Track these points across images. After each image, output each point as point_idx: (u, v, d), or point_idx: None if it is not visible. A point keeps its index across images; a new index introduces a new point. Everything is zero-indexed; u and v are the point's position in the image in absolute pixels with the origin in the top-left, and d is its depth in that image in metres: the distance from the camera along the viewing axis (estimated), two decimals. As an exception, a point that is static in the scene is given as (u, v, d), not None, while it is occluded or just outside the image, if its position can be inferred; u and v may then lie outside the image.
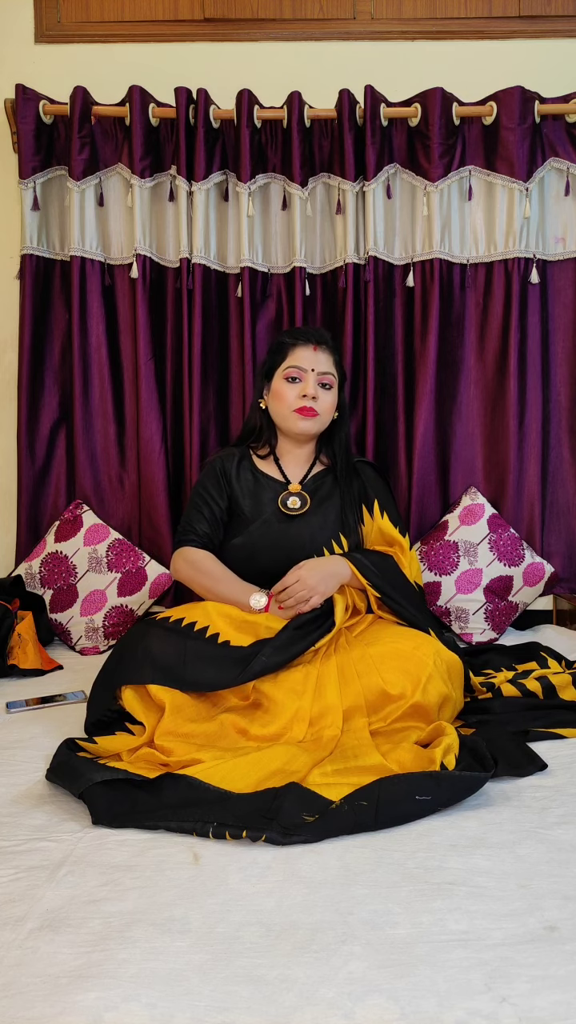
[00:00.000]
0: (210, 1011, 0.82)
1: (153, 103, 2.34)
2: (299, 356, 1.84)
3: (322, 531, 1.81)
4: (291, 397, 1.83)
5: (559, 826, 1.20)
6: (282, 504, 1.83)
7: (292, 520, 1.81)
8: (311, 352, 1.85)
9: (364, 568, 1.71)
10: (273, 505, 1.83)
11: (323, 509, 1.83)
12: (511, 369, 2.36)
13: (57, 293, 2.44)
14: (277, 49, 2.52)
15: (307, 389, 1.81)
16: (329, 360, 1.87)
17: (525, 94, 2.31)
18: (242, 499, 1.85)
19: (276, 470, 1.89)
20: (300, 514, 1.82)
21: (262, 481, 1.87)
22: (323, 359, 1.85)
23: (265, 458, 1.91)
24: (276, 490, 1.85)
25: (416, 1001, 0.83)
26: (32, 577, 2.29)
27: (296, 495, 1.84)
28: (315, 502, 1.84)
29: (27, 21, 2.51)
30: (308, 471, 1.90)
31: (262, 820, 1.19)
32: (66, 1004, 0.83)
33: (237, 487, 1.86)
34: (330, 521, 1.82)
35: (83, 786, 1.27)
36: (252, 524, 1.81)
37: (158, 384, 2.39)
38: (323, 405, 1.84)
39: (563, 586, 2.44)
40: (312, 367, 1.83)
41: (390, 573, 1.74)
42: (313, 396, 1.81)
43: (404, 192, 2.41)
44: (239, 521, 1.84)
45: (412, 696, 1.48)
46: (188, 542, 1.85)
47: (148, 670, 1.49)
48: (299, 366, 1.83)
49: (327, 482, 1.88)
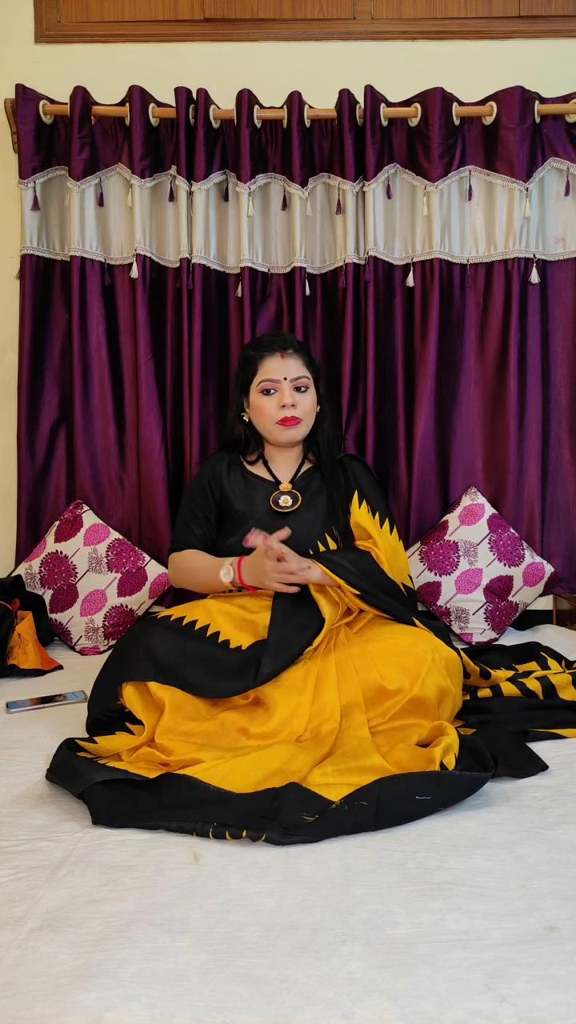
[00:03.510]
0: (210, 1011, 0.82)
1: (153, 103, 2.34)
2: (269, 368, 1.84)
3: (315, 527, 1.81)
4: (271, 409, 1.82)
5: (559, 826, 1.20)
6: (274, 503, 1.83)
7: (285, 517, 1.82)
8: (279, 361, 1.84)
9: (338, 568, 1.69)
10: (265, 504, 1.84)
11: (314, 505, 1.84)
12: (511, 369, 2.36)
13: (57, 293, 2.44)
14: (277, 49, 2.52)
15: (284, 399, 1.81)
16: (299, 363, 1.86)
17: (525, 94, 2.31)
18: (234, 500, 1.86)
19: (266, 471, 1.90)
20: (292, 511, 1.83)
21: (253, 482, 1.88)
22: (292, 364, 1.84)
23: (254, 463, 1.92)
24: (268, 490, 1.86)
25: (416, 1001, 0.83)
26: (32, 577, 2.29)
27: (287, 493, 1.85)
28: (306, 499, 1.84)
29: (27, 21, 2.51)
30: (297, 470, 1.91)
31: (262, 820, 1.19)
32: (66, 1004, 0.83)
33: (229, 489, 1.87)
34: (321, 517, 1.83)
35: (83, 786, 1.27)
36: (245, 524, 1.82)
37: (158, 384, 2.39)
38: (303, 409, 1.84)
39: (563, 586, 2.44)
40: (284, 376, 1.82)
41: (368, 570, 1.73)
42: (292, 404, 1.81)
43: (404, 192, 2.41)
44: (232, 521, 1.85)
45: (410, 690, 1.48)
46: (177, 550, 1.88)
47: (149, 668, 1.49)
48: (271, 378, 1.82)
49: (316, 479, 1.89)
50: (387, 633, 1.63)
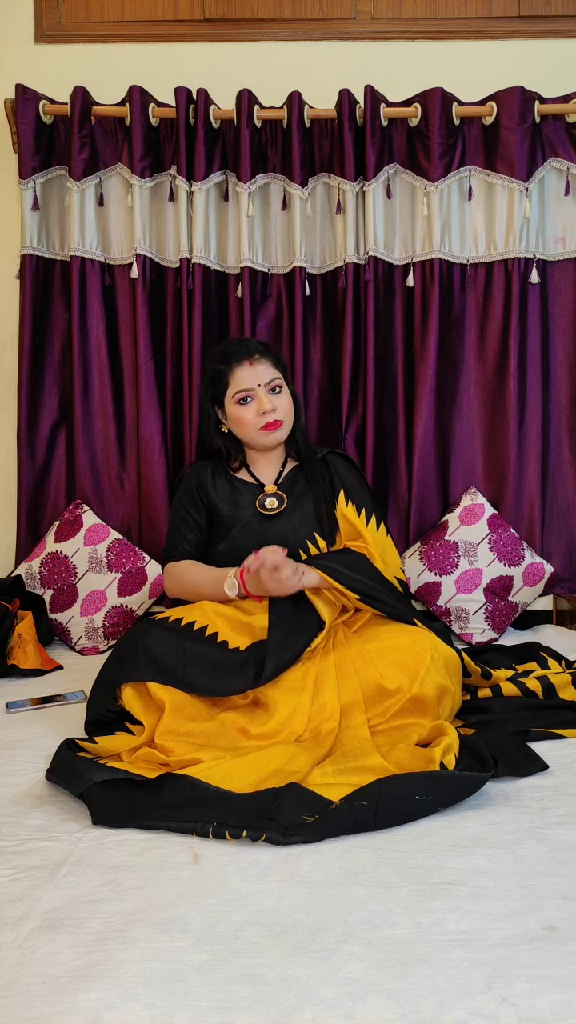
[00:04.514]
0: (210, 1011, 0.82)
1: (153, 103, 2.34)
2: (240, 378, 1.82)
3: (302, 526, 1.82)
4: (251, 417, 1.81)
5: (559, 826, 1.20)
6: (260, 505, 1.84)
7: (272, 520, 1.82)
8: (249, 369, 1.82)
9: (334, 573, 1.68)
10: (252, 508, 1.84)
11: (300, 505, 1.84)
12: (511, 369, 2.36)
13: (57, 293, 2.44)
14: (277, 49, 2.52)
15: (263, 405, 1.80)
16: (268, 366, 1.84)
17: (525, 94, 2.31)
18: (221, 505, 1.85)
19: (250, 476, 1.90)
20: (279, 512, 1.83)
21: (238, 487, 1.88)
22: (262, 369, 1.83)
23: (238, 470, 1.92)
24: (253, 493, 1.86)
25: (416, 1001, 0.83)
26: (32, 577, 2.29)
27: (273, 495, 1.85)
28: (292, 499, 1.84)
29: (27, 21, 2.52)
30: (281, 471, 1.91)
31: (262, 820, 1.19)
32: (66, 1004, 0.83)
33: (215, 495, 1.87)
34: (309, 516, 1.83)
35: (83, 786, 1.27)
36: (234, 528, 1.82)
37: (158, 384, 2.39)
38: (283, 411, 1.83)
39: (563, 586, 2.44)
40: (257, 382, 1.81)
41: (363, 570, 1.72)
42: (272, 408, 1.80)
43: (404, 192, 2.41)
44: (220, 527, 1.85)
45: (410, 689, 1.48)
46: (171, 559, 1.87)
47: (148, 669, 1.49)
48: (244, 388, 1.81)
49: (301, 478, 1.89)
50: (386, 632, 1.63)
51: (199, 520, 1.87)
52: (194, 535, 1.87)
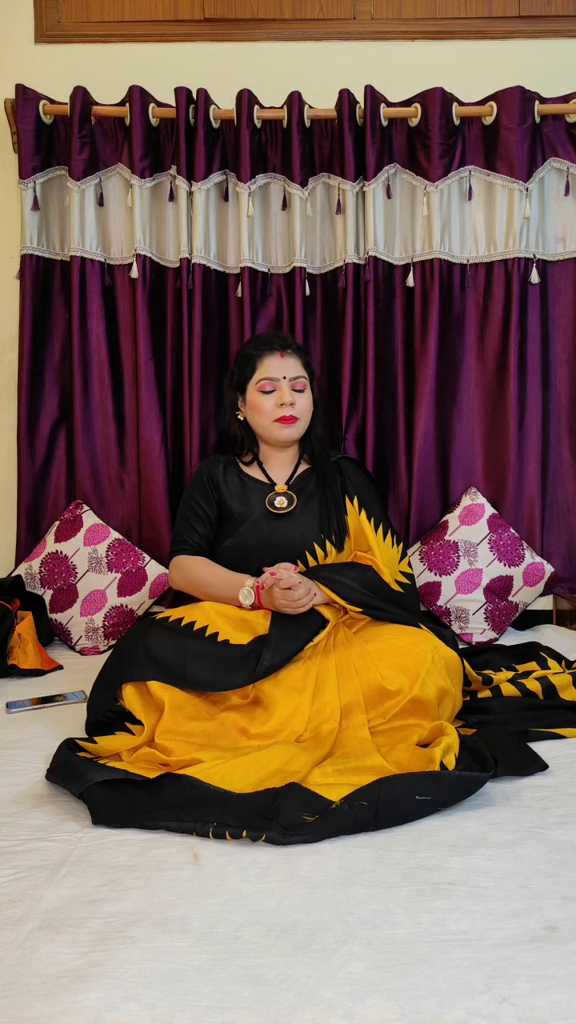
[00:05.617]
0: (210, 1011, 0.82)
1: (153, 103, 2.34)
2: (268, 366, 1.85)
3: (310, 528, 1.82)
4: (269, 408, 1.83)
5: (559, 826, 1.20)
6: (269, 504, 1.84)
7: (281, 519, 1.83)
8: (279, 360, 1.85)
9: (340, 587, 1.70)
10: (261, 506, 1.85)
11: (310, 507, 1.85)
12: (511, 369, 2.36)
13: (57, 293, 2.44)
14: (277, 49, 2.52)
15: (283, 397, 1.82)
16: (298, 363, 1.87)
17: (525, 94, 2.31)
18: (231, 501, 1.86)
19: (261, 474, 1.90)
20: (288, 512, 1.83)
21: (249, 484, 1.88)
22: (292, 364, 1.86)
23: (249, 464, 1.92)
24: (263, 491, 1.87)
25: (416, 1001, 0.83)
26: (32, 577, 2.29)
27: (283, 495, 1.85)
28: (302, 500, 1.85)
29: (27, 21, 2.51)
30: (293, 472, 1.91)
31: (262, 820, 1.19)
32: (66, 1004, 0.83)
33: (225, 491, 1.87)
34: (317, 518, 1.84)
35: (83, 786, 1.27)
36: (242, 525, 1.83)
37: (158, 384, 2.39)
38: (301, 409, 1.85)
39: (563, 586, 2.44)
40: (283, 374, 1.84)
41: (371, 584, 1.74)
42: (291, 403, 1.82)
43: (404, 192, 2.41)
44: (229, 523, 1.85)
45: (410, 691, 1.48)
46: (180, 551, 1.86)
47: (149, 668, 1.49)
48: (271, 376, 1.84)
49: (312, 480, 1.89)
50: (387, 633, 1.63)
51: (209, 513, 1.88)
52: (204, 527, 1.87)
